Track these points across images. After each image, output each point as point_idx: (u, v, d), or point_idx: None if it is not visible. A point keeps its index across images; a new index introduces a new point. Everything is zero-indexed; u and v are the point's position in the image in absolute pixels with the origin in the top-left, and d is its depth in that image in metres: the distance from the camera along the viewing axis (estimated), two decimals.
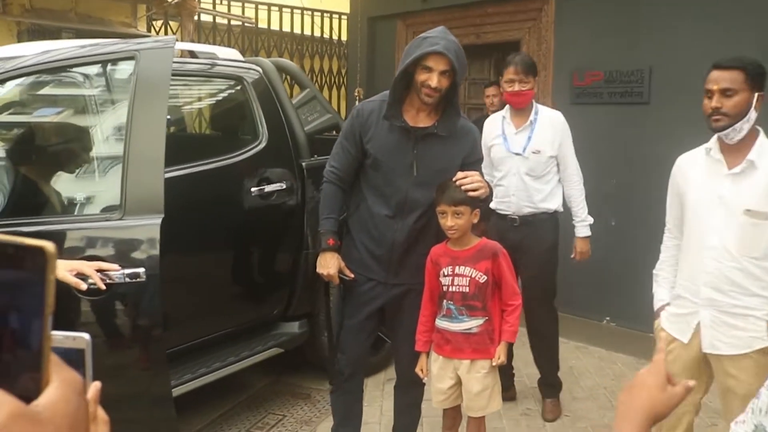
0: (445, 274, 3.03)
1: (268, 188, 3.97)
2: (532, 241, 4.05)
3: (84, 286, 2.37)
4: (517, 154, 4.01)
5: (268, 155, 4.05)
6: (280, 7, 8.18)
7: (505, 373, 4.30)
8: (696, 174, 2.71)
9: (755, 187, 2.54)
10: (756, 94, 2.53)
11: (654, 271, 3.00)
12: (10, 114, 3.52)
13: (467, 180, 2.90)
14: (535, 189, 4.02)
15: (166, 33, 7.28)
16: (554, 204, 4.08)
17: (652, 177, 5.22)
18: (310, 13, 8.54)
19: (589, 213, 4.14)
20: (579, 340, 5.28)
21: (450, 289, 3.02)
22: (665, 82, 5.13)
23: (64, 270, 2.36)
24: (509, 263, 3.08)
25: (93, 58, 3.10)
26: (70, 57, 3.07)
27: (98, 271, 2.44)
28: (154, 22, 7.40)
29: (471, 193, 2.90)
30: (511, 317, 3.07)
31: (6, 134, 3.56)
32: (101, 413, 0.65)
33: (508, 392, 4.21)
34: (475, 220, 3.03)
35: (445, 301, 3.05)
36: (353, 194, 3.23)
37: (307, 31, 8.48)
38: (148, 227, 2.72)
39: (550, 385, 4.26)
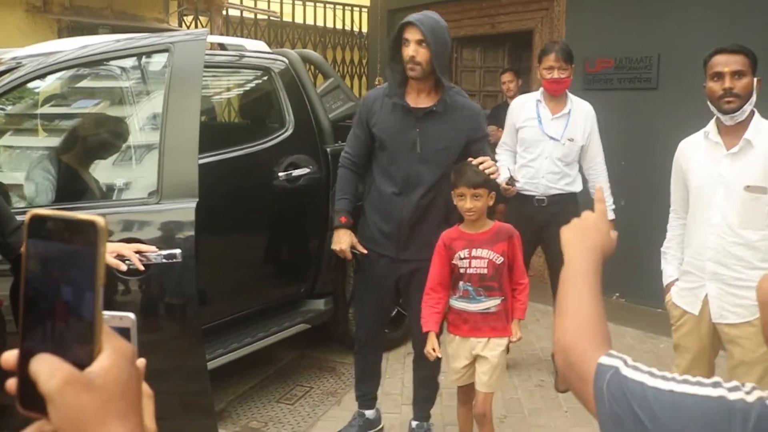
0: (462, 257, 2.98)
1: (294, 173, 3.97)
2: (560, 219, 3.95)
3: (124, 268, 2.39)
4: (552, 138, 3.93)
5: (294, 142, 4.05)
6: (304, 1, 8.16)
7: None
8: (697, 157, 2.73)
9: (753, 164, 2.56)
10: (755, 79, 2.58)
11: (662, 249, 3.01)
12: (53, 106, 3.55)
13: (486, 164, 2.90)
14: (565, 174, 3.99)
15: (196, 27, 7.29)
16: (578, 187, 4.06)
17: (659, 159, 5.14)
18: (332, 6, 8.51)
19: None
20: None
21: (468, 272, 2.98)
22: (673, 68, 5.08)
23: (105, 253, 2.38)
24: (521, 245, 3.05)
25: (130, 51, 3.10)
26: (109, 50, 3.08)
27: (137, 252, 2.46)
28: (185, 18, 7.41)
29: (492, 176, 2.92)
30: (521, 295, 3.05)
31: (50, 125, 3.59)
32: (146, 387, 0.65)
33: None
34: (491, 203, 2.99)
35: (461, 282, 3.00)
36: (367, 177, 3.29)
37: (330, 24, 8.46)
38: (183, 210, 2.73)
39: None
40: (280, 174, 3.94)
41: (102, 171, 3.30)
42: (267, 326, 3.93)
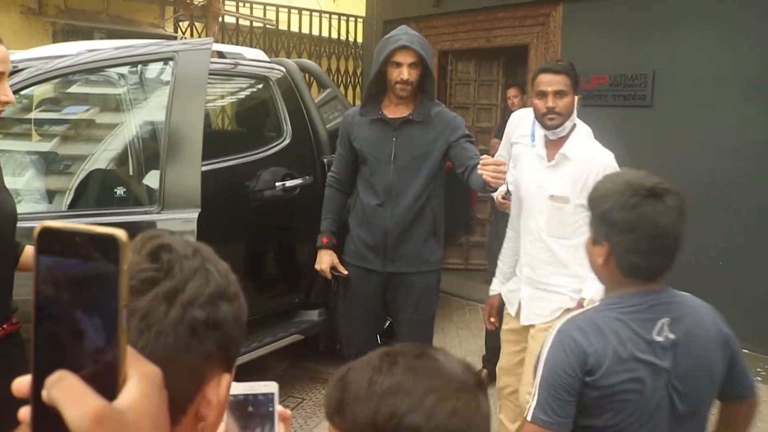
0: None
1: (290, 183, 3.94)
2: None
3: None
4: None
5: (291, 151, 4.03)
6: (300, 10, 8.16)
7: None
8: (524, 168, 2.87)
9: (564, 176, 2.68)
10: (576, 97, 2.71)
11: (498, 261, 3.15)
12: (48, 111, 3.50)
13: (490, 167, 2.64)
14: None
15: (192, 34, 7.26)
16: None
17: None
18: (327, 16, 8.52)
19: None
20: None
21: None
22: (667, 86, 5.11)
23: None
24: None
25: (133, 59, 3.08)
26: (112, 57, 3.06)
27: None
28: (180, 24, 7.38)
29: (490, 181, 2.67)
30: None
31: (44, 130, 3.54)
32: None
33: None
34: None
35: None
36: (353, 193, 3.28)
37: (325, 33, 8.47)
38: (185, 221, 2.71)
39: None
40: (277, 183, 3.91)
41: (103, 179, 3.26)
42: (261, 336, 3.90)
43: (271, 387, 0.97)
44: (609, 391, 1.54)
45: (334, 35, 8.53)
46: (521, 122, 4.02)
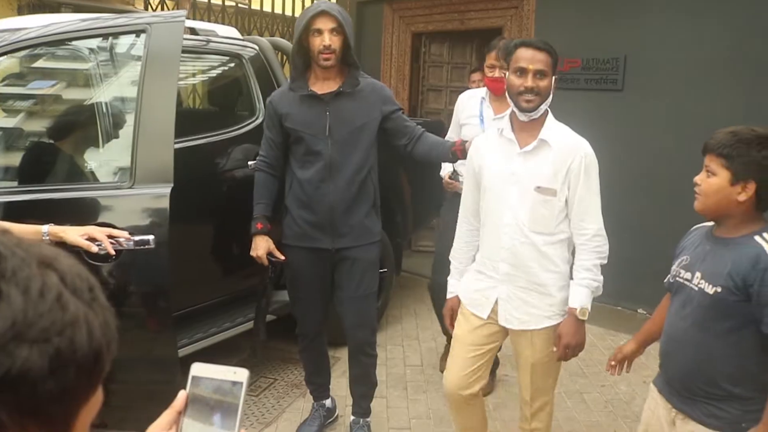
0: None
1: None
2: None
3: (95, 249, 2.31)
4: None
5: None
6: None
7: None
8: (491, 154, 2.63)
9: (545, 164, 2.50)
10: (554, 78, 2.52)
11: (450, 257, 2.89)
12: (7, 85, 3.39)
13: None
14: None
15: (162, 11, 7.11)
16: None
17: (623, 159, 5.24)
18: None
19: None
20: None
21: None
22: (638, 70, 5.14)
23: (77, 234, 2.30)
24: None
25: (104, 31, 2.99)
26: (81, 29, 2.96)
27: (109, 237, 2.37)
28: (151, 1, 7.23)
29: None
30: None
31: (7, 105, 3.43)
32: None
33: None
34: None
35: None
36: (287, 175, 3.21)
37: (298, 13, 8.35)
38: (157, 196, 2.64)
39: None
40: (250, 162, 3.86)
41: (75, 153, 3.17)
42: (232, 316, 3.87)
43: (240, 375, 0.88)
44: None
45: None
46: (469, 102, 3.92)
